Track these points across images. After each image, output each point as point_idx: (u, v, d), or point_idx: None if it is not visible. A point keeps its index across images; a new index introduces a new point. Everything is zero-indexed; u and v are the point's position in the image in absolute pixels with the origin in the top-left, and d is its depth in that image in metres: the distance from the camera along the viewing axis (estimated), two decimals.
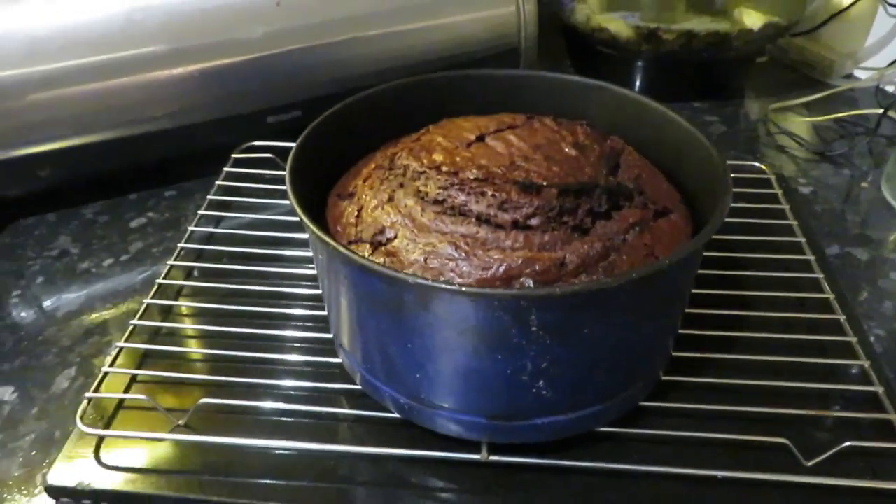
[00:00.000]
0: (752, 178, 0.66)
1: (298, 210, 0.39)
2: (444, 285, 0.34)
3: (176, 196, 0.69)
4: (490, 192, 0.40)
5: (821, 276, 0.55)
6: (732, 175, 0.43)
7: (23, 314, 0.56)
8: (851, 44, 0.89)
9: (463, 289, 0.34)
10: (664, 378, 0.46)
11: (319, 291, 0.52)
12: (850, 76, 0.90)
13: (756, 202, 0.63)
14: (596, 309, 0.36)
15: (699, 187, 0.47)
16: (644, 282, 0.35)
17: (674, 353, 0.47)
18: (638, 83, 0.85)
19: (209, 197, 0.64)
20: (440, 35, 0.74)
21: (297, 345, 0.51)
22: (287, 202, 0.61)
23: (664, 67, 0.84)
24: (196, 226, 0.61)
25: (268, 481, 0.42)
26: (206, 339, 0.52)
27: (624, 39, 0.80)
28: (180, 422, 0.45)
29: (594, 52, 0.85)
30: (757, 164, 0.68)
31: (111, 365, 0.48)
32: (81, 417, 0.44)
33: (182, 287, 0.56)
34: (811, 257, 0.57)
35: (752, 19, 0.81)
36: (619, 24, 0.81)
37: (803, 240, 0.58)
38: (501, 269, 0.38)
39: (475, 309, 0.35)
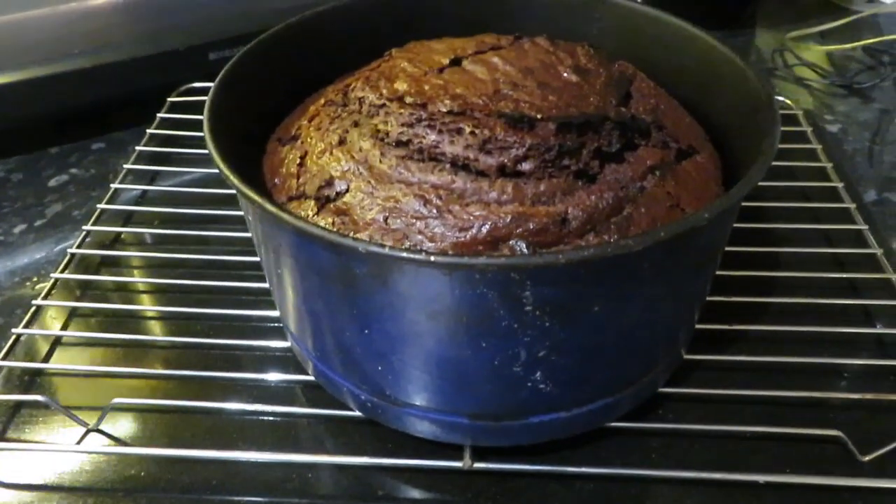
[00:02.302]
0: None
1: (216, 157, 0.30)
2: (405, 254, 0.25)
3: (104, 149, 0.59)
4: (468, 129, 0.31)
5: (864, 227, 0.46)
6: None
7: None
8: None
9: (432, 258, 0.25)
10: (687, 357, 0.38)
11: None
12: (873, 0, 0.80)
13: (782, 142, 0.54)
14: (611, 280, 0.27)
15: (728, 121, 0.38)
16: (675, 243, 0.26)
17: (697, 326, 0.39)
18: None
19: (138, 148, 0.54)
20: None
21: (240, 325, 0.42)
22: None
23: None
24: (122, 183, 0.51)
25: (202, 497, 0.34)
26: (130, 321, 0.43)
27: None
28: (91, 425, 0.36)
29: None
30: (780, 98, 0.59)
31: (5, 357, 0.39)
32: None
33: (103, 257, 0.47)
34: (851, 205, 0.48)
35: None
36: None
37: (840, 185, 0.50)
38: (485, 229, 0.29)
39: (450, 284, 0.26)
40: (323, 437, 0.37)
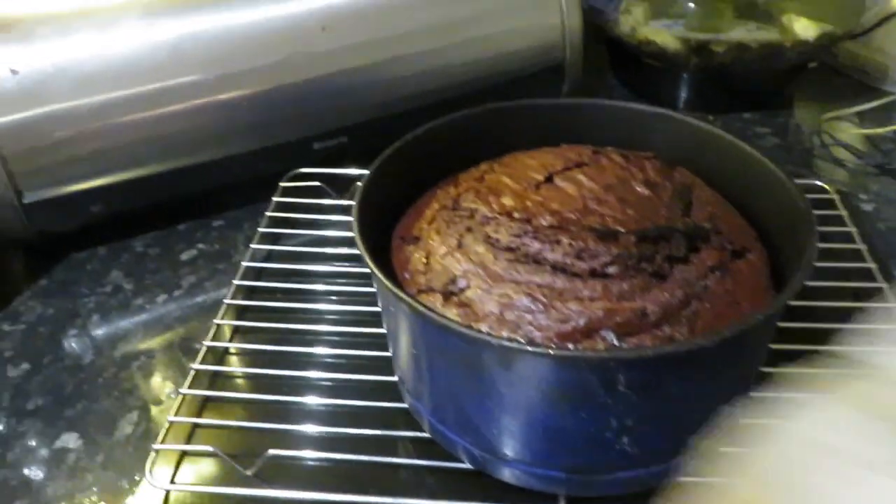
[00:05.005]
0: (815, 199, 0.64)
1: (369, 262, 0.38)
2: (530, 348, 0.33)
3: (224, 226, 0.68)
4: (566, 241, 0.39)
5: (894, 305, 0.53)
6: None
7: (81, 354, 0.55)
8: None
9: (551, 352, 0.33)
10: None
11: (377, 330, 0.51)
12: None
13: (820, 225, 0.60)
14: (686, 366, 0.35)
15: (774, 223, 0.45)
16: (737, 338, 0.33)
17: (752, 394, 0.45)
18: (685, 96, 0.83)
19: (260, 230, 0.63)
20: (483, 52, 0.73)
21: (360, 388, 0.50)
22: (338, 233, 0.61)
23: (712, 79, 0.82)
24: (249, 261, 0.61)
25: None
26: (264, 382, 0.52)
27: (672, 52, 0.78)
28: (248, 472, 0.44)
29: (639, 65, 0.84)
30: (818, 182, 0.66)
31: (176, 414, 0.47)
32: (151, 470, 0.44)
33: (237, 327, 0.56)
34: (883, 284, 0.55)
35: (803, 27, 0.79)
36: (666, 37, 0.79)
37: (874, 265, 0.56)
38: (582, 321, 0.37)
39: (561, 369, 0.34)
40: (433, 485, 0.44)
